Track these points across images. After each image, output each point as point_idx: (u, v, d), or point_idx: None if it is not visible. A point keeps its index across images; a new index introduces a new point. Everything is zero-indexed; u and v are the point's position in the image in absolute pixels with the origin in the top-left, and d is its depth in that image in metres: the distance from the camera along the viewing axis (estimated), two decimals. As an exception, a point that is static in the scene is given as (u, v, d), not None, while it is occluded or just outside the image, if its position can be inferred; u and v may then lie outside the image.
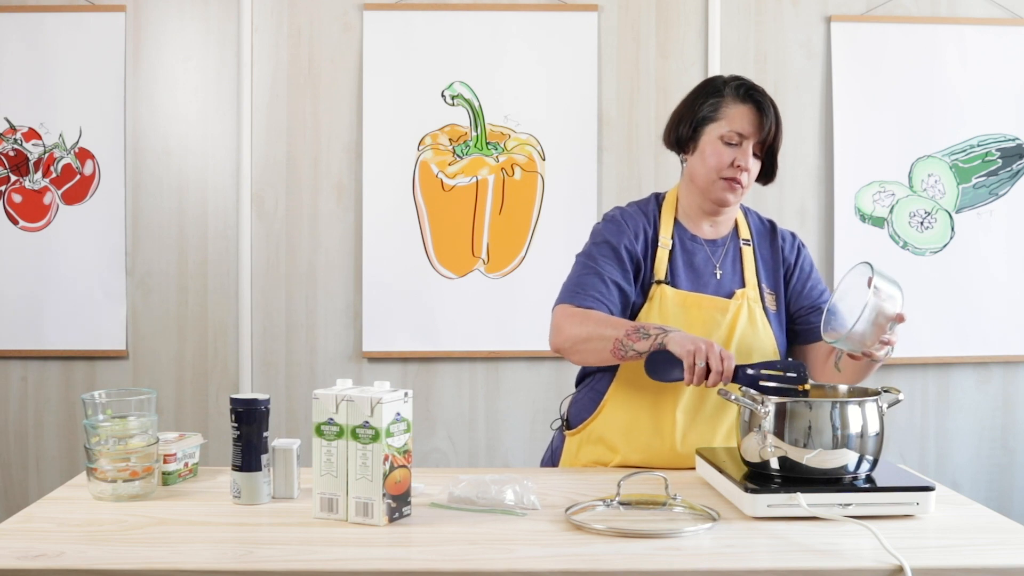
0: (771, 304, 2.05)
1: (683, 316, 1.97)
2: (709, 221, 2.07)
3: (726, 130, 1.97)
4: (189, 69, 3.24)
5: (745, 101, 1.99)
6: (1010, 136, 3.30)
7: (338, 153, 3.25)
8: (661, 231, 2.04)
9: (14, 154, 3.22)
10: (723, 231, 2.08)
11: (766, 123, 1.96)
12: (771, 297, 2.05)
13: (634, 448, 1.99)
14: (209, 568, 1.36)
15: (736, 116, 1.98)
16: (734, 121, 1.97)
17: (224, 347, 3.26)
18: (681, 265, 2.02)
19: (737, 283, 2.03)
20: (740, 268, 2.05)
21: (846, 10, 3.27)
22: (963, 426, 3.35)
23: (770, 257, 2.08)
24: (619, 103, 3.26)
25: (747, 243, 2.08)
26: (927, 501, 1.59)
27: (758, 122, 1.97)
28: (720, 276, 2.03)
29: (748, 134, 1.97)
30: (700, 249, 2.05)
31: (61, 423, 3.27)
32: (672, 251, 2.03)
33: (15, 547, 1.43)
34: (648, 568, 1.36)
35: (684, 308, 1.98)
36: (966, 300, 3.30)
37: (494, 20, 3.23)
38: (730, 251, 2.07)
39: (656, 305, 1.98)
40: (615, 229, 2.02)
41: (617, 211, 2.09)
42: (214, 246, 3.26)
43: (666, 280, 2.00)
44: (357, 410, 1.55)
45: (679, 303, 1.98)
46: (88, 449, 1.72)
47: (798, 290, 2.09)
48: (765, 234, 2.11)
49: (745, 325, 1.99)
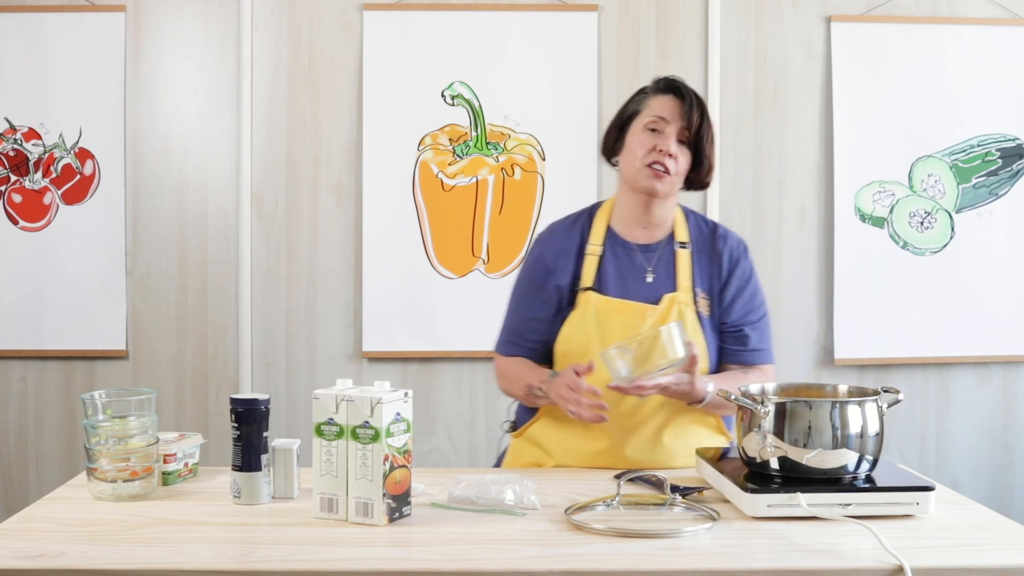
0: (704, 309, 2.03)
1: (604, 322, 1.99)
2: (643, 225, 2.06)
3: (648, 118, 2.01)
4: (189, 69, 3.24)
5: (666, 92, 2.04)
6: (1010, 136, 3.30)
7: (338, 153, 3.25)
8: (591, 238, 2.06)
9: (14, 154, 3.22)
10: (659, 235, 2.07)
11: (687, 109, 1.99)
12: (705, 302, 2.04)
13: (566, 451, 2.02)
14: (209, 568, 1.36)
15: (656, 104, 2.02)
16: (654, 108, 2.01)
17: (224, 347, 3.26)
18: (610, 271, 2.03)
19: (669, 287, 2.03)
20: (674, 272, 2.04)
21: (846, 10, 3.27)
22: (963, 426, 3.35)
23: (708, 261, 2.06)
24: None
25: (684, 246, 2.06)
26: (927, 501, 1.59)
27: (679, 109, 2.00)
28: (652, 280, 2.03)
29: (670, 119, 1.99)
30: (631, 254, 2.05)
31: (61, 423, 3.27)
32: (602, 258, 2.05)
33: (15, 547, 1.43)
34: (648, 568, 1.37)
35: (605, 314, 1.99)
36: (966, 300, 3.30)
37: (494, 20, 3.23)
38: (664, 255, 2.06)
39: (581, 312, 2.01)
40: (537, 254, 2.10)
41: (545, 233, 2.14)
42: (214, 246, 3.25)
43: (593, 287, 2.02)
44: (357, 410, 1.55)
45: (601, 309, 2.00)
46: (88, 449, 1.72)
47: (725, 305, 2.06)
48: (706, 237, 2.09)
49: None
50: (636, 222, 2.06)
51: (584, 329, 1.99)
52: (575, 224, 2.11)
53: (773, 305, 3.28)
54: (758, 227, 3.28)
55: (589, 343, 1.99)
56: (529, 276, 2.10)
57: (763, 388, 1.74)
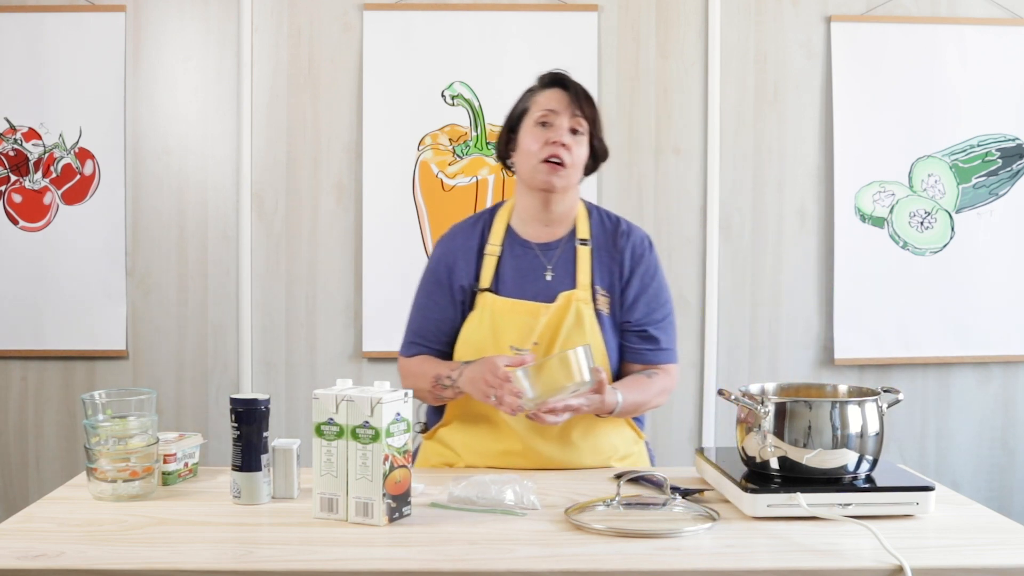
0: (603, 307, 2.01)
1: (499, 323, 1.98)
2: (544, 222, 2.05)
3: (538, 113, 2.01)
4: (189, 69, 3.24)
5: (551, 85, 2.04)
6: (1010, 136, 3.30)
7: (338, 153, 3.25)
8: (491, 239, 2.05)
9: (14, 154, 3.22)
10: (559, 233, 2.06)
11: (573, 98, 1.99)
12: (604, 299, 2.02)
13: (473, 452, 2.01)
14: (209, 568, 1.36)
15: (544, 99, 2.02)
16: (540, 104, 2.01)
17: (224, 347, 3.26)
18: (508, 271, 2.02)
19: (568, 284, 2.01)
20: (573, 269, 2.02)
21: (846, 10, 3.27)
22: (963, 426, 3.35)
23: (607, 258, 2.04)
24: (619, 103, 3.26)
25: (584, 243, 2.04)
26: (927, 501, 1.59)
27: (567, 100, 2.00)
28: (551, 279, 2.02)
29: (559, 110, 1.99)
30: (530, 253, 2.04)
31: (61, 423, 3.27)
32: (500, 258, 2.04)
33: (15, 547, 1.43)
34: (648, 568, 1.37)
35: (502, 314, 1.98)
36: (966, 300, 3.30)
37: (494, 20, 3.23)
38: (564, 252, 2.04)
39: (479, 314, 2.00)
40: (439, 257, 2.10)
41: (447, 233, 2.15)
42: (214, 246, 3.25)
43: (490, 288, 2.01)
44: (357, 410, 1.56)
45: (498, 310, 1.99)
46: (88, 449, 1.72)
47: (629, 303, 2.04)
48: (607, 233, 2.07)
49: (571, 327, 1.96)
50: (536, 220, 2.05)
51: (480, 331, 1.99)
52: (476, 224, 2.10)
53: (773, 305, 3.30)
54: (758, 227, 3.28)
55: (485, 344, 1.97)
56: (432, 277, 2.09)
57: (763, 388, 1.74)
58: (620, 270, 2.03)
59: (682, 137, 3.26)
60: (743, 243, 3.28)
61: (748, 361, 3.29)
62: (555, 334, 1.96)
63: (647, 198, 3.26)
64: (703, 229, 3.27)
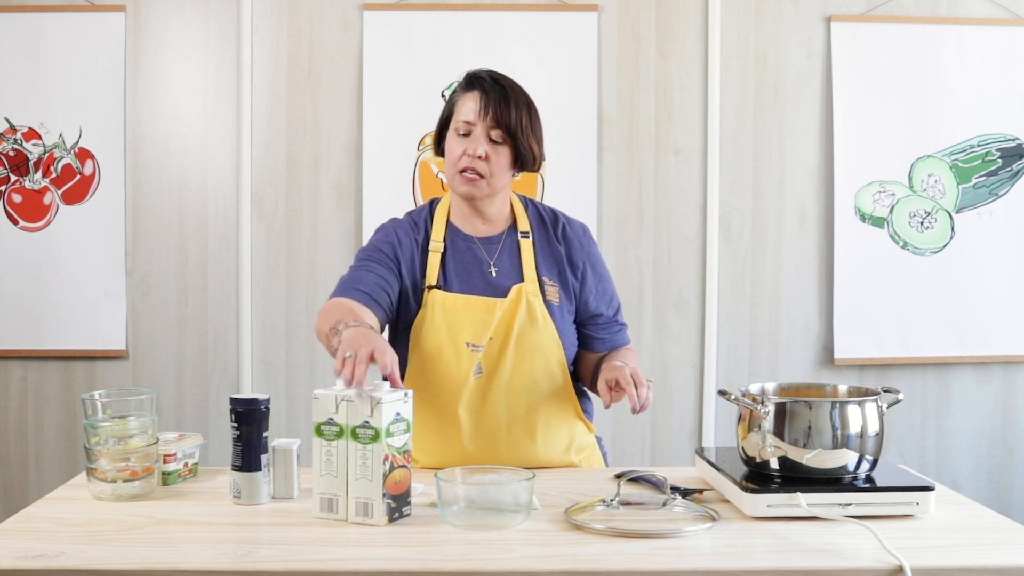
0: (553, 297, 1.99)
1: (452, 320, 1.94)
2: (480, 219, 2.03)
3: (457, 122, 1.97)
4: (189, 69, 3.24)
5: (470, 88, 1.99)
6: (1010, 136, 3.30)
7: (338, 153, 3.25)
8: (433, 235, 2.01)
9: (14, 154, 3.22)
10: (499, 227, 2.04)
11: (490, 105, 1.93)
12: (553, 289, 1.99)
13: (422, 451, 1.98)
14: (209, 568, 1.36)
15: (462, 106, 1.98)
16: (460, 111, 1.97)
17: (224, 347, 3.26)
18: (453, 267, 1.99)
19: (515, 278, 1.98)
20: (518, 263, 2.00)
21: (846, 10, 3.27)
22: (963, 426, 3.35)
23: (548, 249, 2.03)
24: (619, 103, 3.26)
25: (526, 236, 2.02)
26: (927, 501, 1.59)
27: (482, 107, 1.94)
28: (496, 273, 1.99)
29: (474, 120, 1.95)
30: (473, 248, 2.01)
31: (61, 423, 3.27)
32: (444, 254, 2.00)
33: (15, 547, 1.43)
34: (648, 568, 1.37)
35: (453, 311, 1.94)
36: (966, 300, 3.30)
37: (494, 20, 3.23)
38: (507, 246, 2.02)
39: (429, 312, 1.95)
40: (381, 236, 2.01)
41: (388, 222, 2.07)
42: (214, 246, 3.25)
43: (437, 284, 1.97)
44: (357, 410, 1.55)
45: (448, 307, 1.94)
46: (88, 449, 1.72)
47: (588, 296, 2.03)
48: (545, 225, 2.05)
49: (524, 321, 1.94)
50: (474, 216, 2.03)
51: (434, 328, 1.94)
52: (416, 222, 2.05)
53: (773, 305, 3.30)
54: (758, 227, 3.28)
55: (440, 342, 1.93)
56: (377, 246, 1.99)
57: (763, 388, 1.74)
58: (572, 262, 2.02)
59: (682, 137, 3.26)
60: (743, 243, 3.28)
61: (748, 361, 3.29)
62: (508, 329, 1.93)
63: (647, 198, 3.26)
64: (703, 229, 3.27)
